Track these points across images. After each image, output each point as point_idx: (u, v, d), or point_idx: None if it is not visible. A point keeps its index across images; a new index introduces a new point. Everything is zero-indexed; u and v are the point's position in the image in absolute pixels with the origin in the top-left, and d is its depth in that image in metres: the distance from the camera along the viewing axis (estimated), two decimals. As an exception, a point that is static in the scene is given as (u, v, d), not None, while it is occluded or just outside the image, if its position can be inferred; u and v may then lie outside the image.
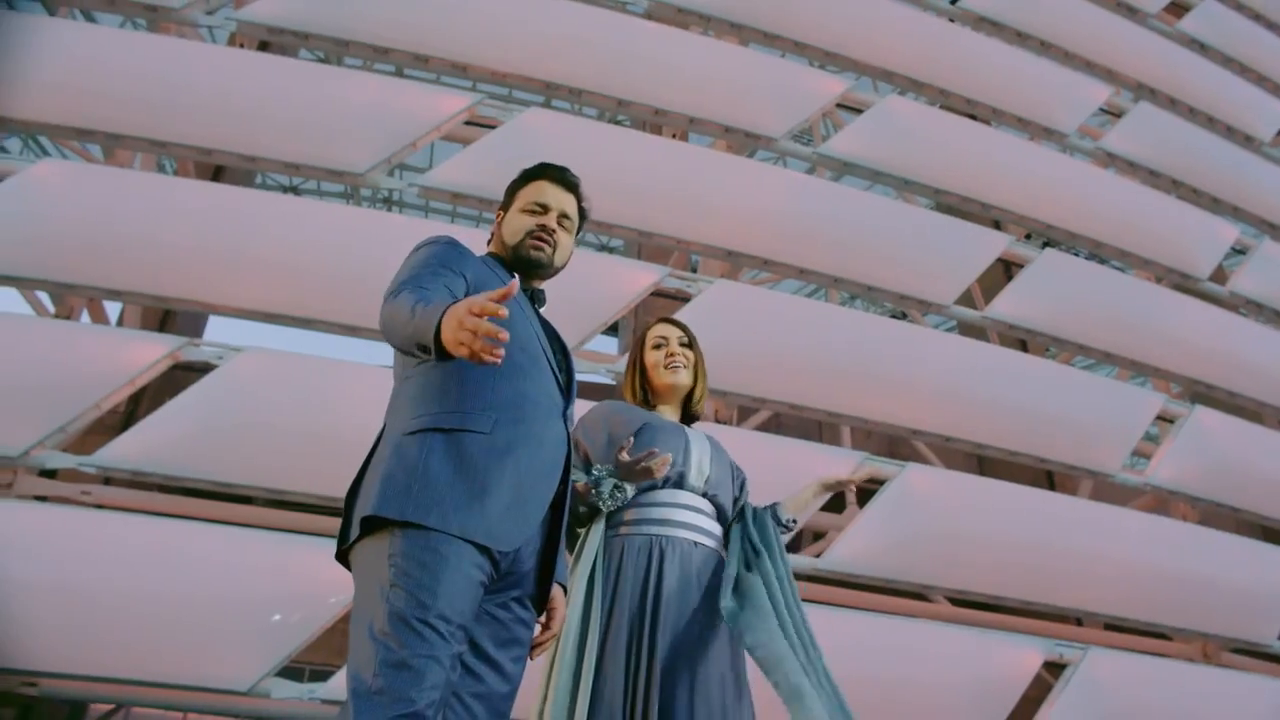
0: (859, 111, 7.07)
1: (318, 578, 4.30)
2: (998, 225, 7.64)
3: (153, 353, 4.93)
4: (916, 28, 7.50)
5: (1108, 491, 6.88)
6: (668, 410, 2.65)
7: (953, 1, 8.00)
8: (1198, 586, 6.02)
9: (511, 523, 1.86)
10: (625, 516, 2.42)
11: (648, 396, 2.66)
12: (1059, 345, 6.92)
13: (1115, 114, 8.15)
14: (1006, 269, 7.74)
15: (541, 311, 2.20)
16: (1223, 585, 6.07)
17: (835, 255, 6.30)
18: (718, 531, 2.50)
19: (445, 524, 1.77)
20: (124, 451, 4.64)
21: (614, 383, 5.40)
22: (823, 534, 7.32)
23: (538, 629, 2.06)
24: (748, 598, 2.33)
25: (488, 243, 2.28)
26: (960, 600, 6.20)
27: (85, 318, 6.68)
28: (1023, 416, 6.18)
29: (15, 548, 4.25)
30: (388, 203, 14.70)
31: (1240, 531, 6.77)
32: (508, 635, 1.93)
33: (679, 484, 2.45)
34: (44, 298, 6.62)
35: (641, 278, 5.84)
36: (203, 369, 4.95)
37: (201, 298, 5.20)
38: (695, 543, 2.42)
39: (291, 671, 4.36)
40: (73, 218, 5.13)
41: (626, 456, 2.32)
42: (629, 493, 2.37)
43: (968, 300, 7.14)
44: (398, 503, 1.78)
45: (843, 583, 5.67)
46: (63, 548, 4.33)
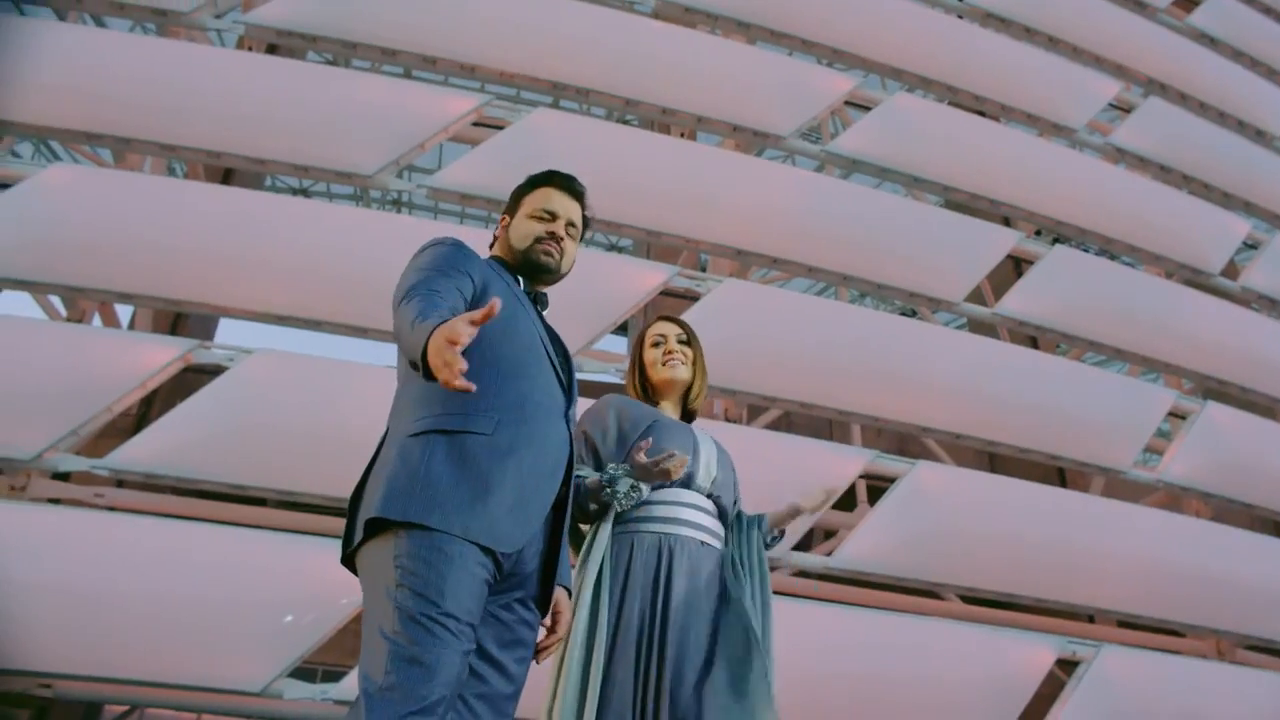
0: (867, 109, 7.05)
1: (330, 579, 4.30)
2: (1007, 222, 7.62)
3: (164, 355, 4.95)
4: (924, 24, 7.47)
5: (1120, 488, 6.84)
6: (668, 406, 2.66)
7: (960, -2, 7.98)
8: (1211, 583, 5.98)
9: (514, 523, 1.86)
10: (634, 513, 2.42)
11: (649, 394, 2.67)
12: (1070, 342, 6.90)
13: (1125, 109, 8.10)
14: (1016, 266, 7.71)
15: (543, 315, 2.21)
16: (1236, 582, 6.04)
17: (844, 253, 6.29)
18: (721, 532, 2.50)
19: (448, 525, 1.77)
20: (136, 454, 4.66)
21: (623, 382, 5.39)
22: (833, 532, 7.31)
23: (542, 632, 2.06)
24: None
25: (490, 246, 2.28)
26: (972, 598, 6.19)
27: (97, 321, 6.72)
28: (1034, 413, 6.16)
29: (29, 550, 4.28)
30: (397, 204, 14.70)
31: (1254, 528, 6.72)
32: (511, 636, 1.93)
33: (686, 483, 2.46)
34: (56, 301, 6.67)
35: (650, 277, 5.84)
36: (214, 371, 4.96)
37: (212, 300, 5.22)
38: (702, 542, 2.42)
39: (304, 672, 4.39)
40: (84, 222, 5.16)
41: (644, 458, 2.31)
42: (644, 492, 2.36)
43: (978, 297, 7.12)
44: (401, 504, 1.79)
45: (854, 581, 5.66)
46: (76, 550, 4.35)
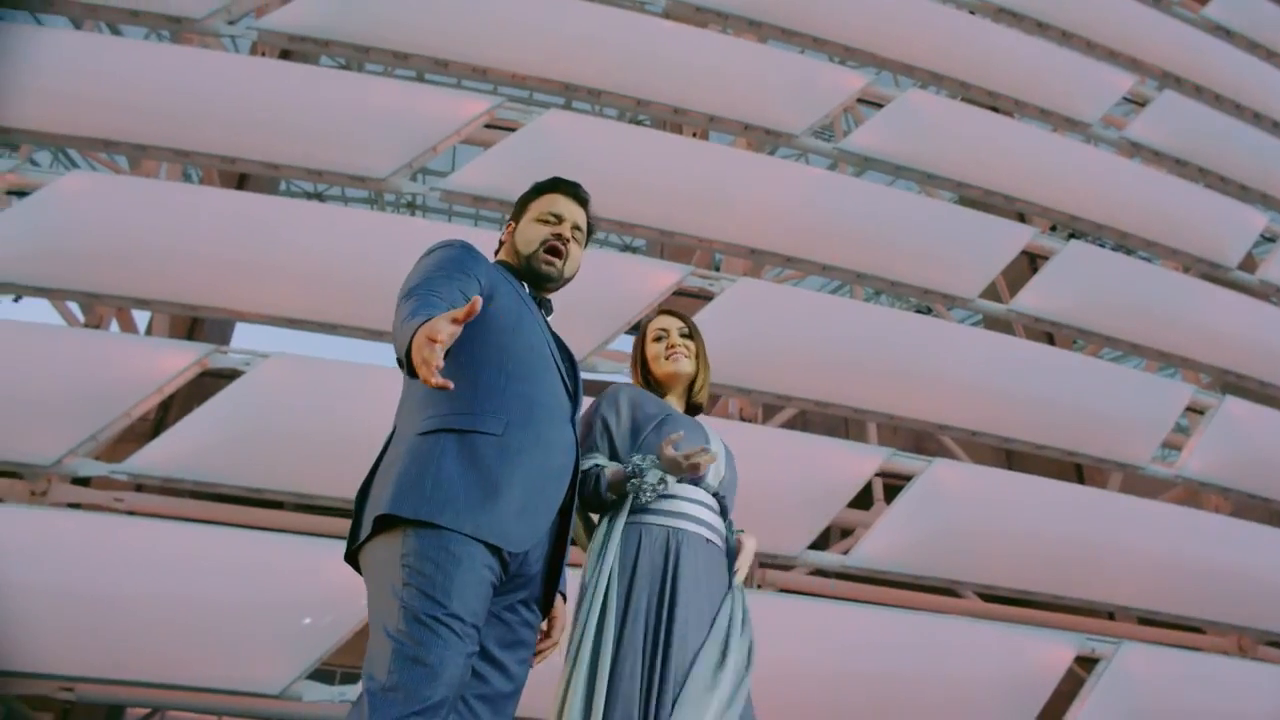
0: (880, 106, 7.03)
1: (347, 581, 4.25)
2: (1022, 218, 7.58)
3: (181, 360, 4.98)
4: (936, 20, 7.44)
5: (1138, 484, 6.80)
6: (673, 400, 2.66)
7: (972, -7, 7.95)
8: (1231, 579, 5.94)
9: (523, 524, 1.87)
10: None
11: (652, 388, 2.66)
12: (1086, 337, 6.86)
13: (1139, 103, 8.05)
14: (1031, 261, 7.67)
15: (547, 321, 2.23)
16: (1257, 577, 5.99)
17: (858, 251, 6.27)
18: (724, 530, 2.50)
19: (459, 524, 1.77)
20: (155, 458, 4.69)
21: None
22: (850, 531, 7.29)
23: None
24: None
25: (496, 252, 2.30)
26: (990, 595, 6.16)
27: (114, 327, 6.76)
28: (1050, 409, 6.12)
29: (50, 555, 4.31)
30: (410, 207, 14.74)
31: (1273, 522, 6.66)
32: (513, 637, 1.94)
33: (695, 480, 2.45)
34: (74, 308, 6.71)
35: (664, 277, 5.83)
36: (231, 375, 4.99)
37: (228, 305, 5.25)
38: (706, 539, 2.41)
39: (322, 674, 4.40)
40: (101, 228, 5.19)
41: (673, 451, 2.31)
42: (670, 486, 2.37)
43: (992, 294, 7.08)
44: (411, 502, 1.79)
45: (871, 580, 5.65)
46: (96, 554, 4.37)
